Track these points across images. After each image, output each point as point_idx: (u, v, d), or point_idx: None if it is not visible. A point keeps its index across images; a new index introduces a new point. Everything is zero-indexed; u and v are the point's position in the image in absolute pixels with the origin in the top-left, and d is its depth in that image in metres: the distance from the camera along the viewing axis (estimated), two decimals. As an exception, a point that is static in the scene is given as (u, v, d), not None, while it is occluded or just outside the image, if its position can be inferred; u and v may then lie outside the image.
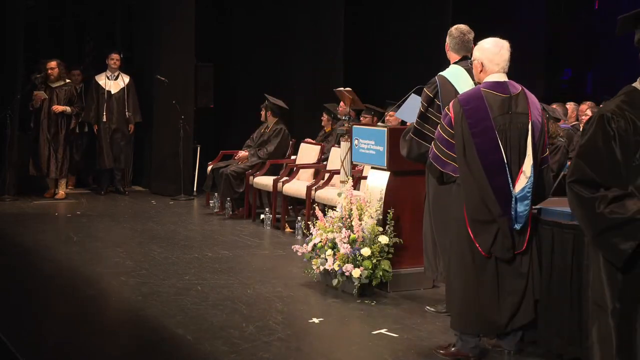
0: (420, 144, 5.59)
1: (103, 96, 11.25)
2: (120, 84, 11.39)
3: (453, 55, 5.76)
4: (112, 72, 11.41)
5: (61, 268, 7.12)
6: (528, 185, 4.66)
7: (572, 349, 4.73)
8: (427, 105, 5.62)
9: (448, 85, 5.60)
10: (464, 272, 4.78)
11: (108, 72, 11.40)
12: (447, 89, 5.58)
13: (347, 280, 6.22)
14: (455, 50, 5.74)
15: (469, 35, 5.74)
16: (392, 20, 13.27)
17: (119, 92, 11.34)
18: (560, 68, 16.79)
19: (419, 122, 5.63)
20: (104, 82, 11.33)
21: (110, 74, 11.39)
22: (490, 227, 4.69)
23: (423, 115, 5.64)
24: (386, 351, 5.02)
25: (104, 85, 11.30)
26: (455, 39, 5.73)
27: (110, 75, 11.38)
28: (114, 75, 11.40)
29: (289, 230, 8.94)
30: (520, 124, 4.70)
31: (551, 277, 4.83)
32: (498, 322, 4.81)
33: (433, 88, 5.64)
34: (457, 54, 5.74)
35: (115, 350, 5.12)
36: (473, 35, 5.73)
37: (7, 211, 9.92)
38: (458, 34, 5.73)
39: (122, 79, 11.43)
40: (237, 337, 5.21)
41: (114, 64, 11.39)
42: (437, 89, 5.61)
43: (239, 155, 9.96)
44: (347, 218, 6.33)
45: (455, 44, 5.73)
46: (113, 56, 11.42)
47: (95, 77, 11.35)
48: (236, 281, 6.70)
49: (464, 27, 5.77)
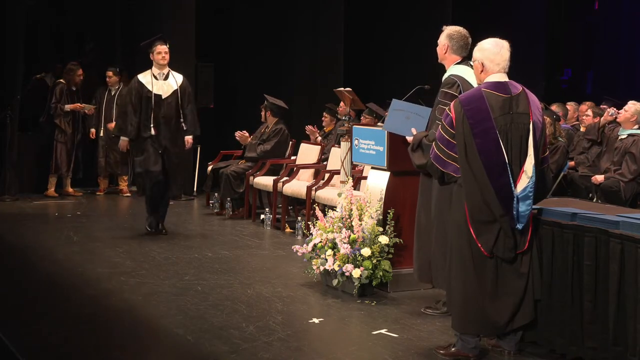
0: None
1: (149, 101, 8.45)
2: (173, 84, 8.55)
3: (453, 56, 5.73)
4: (160, 69, 8.51)
5: (61, 268, 7.11)
6: (530, 185, 4.66)
7: (574, 349, 4.73)
8: None
9: (467, 84, 5.56)
10: (464, 273, 4.78)
11: (155, 69, 8.50)
12: (467, 87, 5.51)
13: (347, 281, 6.22)
14: (458, 52, 5.73)
15: (469, 38, 5.74)
16: (392, 20, 13.27)
17: (171, 96, 8.50)
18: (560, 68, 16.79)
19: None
20: (150, 82, 8.48)
21: (158, 72, 8.50)
22: (492, 227, 4.70)
23: None
24: (386, 351, 5.02)
25: (150, 87, 8.44)
26: (459, 42, 5.71)
27: (158, 74, 8.53)
28: (163, 73, 8.56)
29: (289, 230, 8.94)
30: (522, 124, 4.70)
31: (551, 277, 4.83)
32: (498, 323, 4.81)
33: (456, 87, 5.58)
34: (459, 55, 5.73)
35: (115, 350, 5.11)
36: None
37: (7, 211, 9.92)
38: (460, 36, 5.72)
39: (174, 78, 8.58)
40: (237, 337, 5.21)
41: (162, 59, 8.44)
42: (460, 88, 5.55)
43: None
44: (347, 218, 6.33)
45: (459, 46, 5.71)
46: (159, 48, 8.40)
47: (139, 77, 8.50)
48: (236, 281, 6.70)
49: (463, 29, 5.77)
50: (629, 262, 4.39)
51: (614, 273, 4.46)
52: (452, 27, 5.78)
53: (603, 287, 4.54)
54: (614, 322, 4.48)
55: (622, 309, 4.44)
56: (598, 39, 16.34)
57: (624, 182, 8.62)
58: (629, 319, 4.40)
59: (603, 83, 15.43)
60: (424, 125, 5.75)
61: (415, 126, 5.71)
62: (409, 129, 5.73)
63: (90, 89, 11.61)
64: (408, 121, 5.81)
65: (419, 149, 5.56)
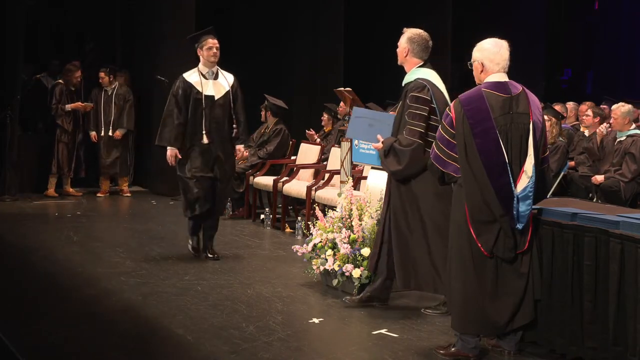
0: (425, 152, 5.43)
1: (199, 104, 7.27)
2: (225, 85, 7.43)
3: (414, 59, 5.75)
4: (210, 67, 7.39)
5: (61, 268, 7.11)
6: (530, 185, 4.66)
7: (574, 349, 4.73)
8: (429, 110, 5.59)
9: (434, 87, 5.64)
10: (464, 273, 4.78)
11: (203, 67, 7.36)
12: (436, 91, 5.62)
13: (347, 280, 6.23)
14: (419, 56, 5.75)
15: (430, 41, 5.78)
16: (392, 20, 13.27)
17: (222, 98, 7.38)
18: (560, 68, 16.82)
19: (424, 128, 5.55)
20: (199, 82, 7.33)
21: (207, 71, 7.37)
22: (492, 227, 4.70)
23: (426, 121, 5.57)
24: (386, 351, 5.02)
25: (199, 87, 7.30)
26: (420, 45, 5.74)
27: (207, 73, 7.40)
28: (213, 72, 7.42)
29: (289, 230, 8.94)
30: (522, 124, 4.70)
31: (551, 277, 4.83)
32: (498, 322, 4.81)
33: (427, 91, 5.62)
34: (420, 58, 5.76)
35: (115, 350, 5.11)
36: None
37: (7, 211, 9.92)
38: (421, 39, 5.75)
39: (225, 77, 7.48)
40: (237, 337, 5.21)
41: (214, 55, 7.31)
42: (431, 91, 5.61)
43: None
44: (347, 218, 6.33)
45: (421, 49, 5.74)
46: (210, 42, 7.29)
47: (184, 76, 7.34)
48: (236, 281, 6.70)
49: (424, 32, 5.80)
50: (629, 262, 4.39)
51: (614, 273, 4.46)
52: (413, 30, 5.79)
53: (603, 287, 4.54)
54: (614, 322, 4.48)
55: (622, 309, 4.44)
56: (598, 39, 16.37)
57: (624, 182, 8.62)
58: (629, 319, 4.40)
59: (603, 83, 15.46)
60: (388, 131, 5.76)
61: (380, 133, 5.74)
62: (374, 135, 5.76)
63: (90, 89, 11.60)
64: (372, 128, 5.81)
65: (391, 155, 5.62)
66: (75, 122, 11.17)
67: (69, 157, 11.08)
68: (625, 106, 8.83)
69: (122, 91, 11.40)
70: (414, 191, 5.65)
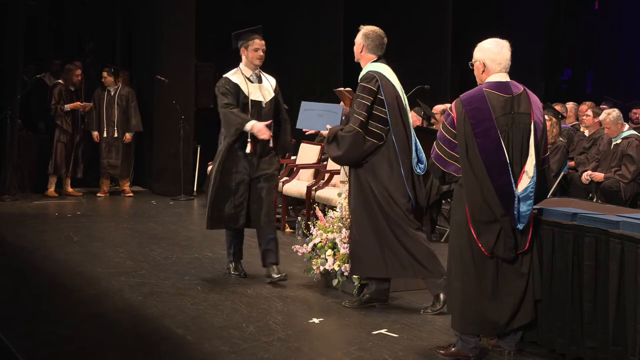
0: (366, 140, 5.69)
1: (245, 108, 6.57)
2: (270, 89, 6.74)
3: (369, 55, 5.91)
4: (253, 69, 6.66)
5: (61, 268, 7.11)
6: (531, 185, 4.66)
7: (574, 349, 4.73)
8: (373, 100, 5.72)
9: (385, 79, 5.78)
10: (465, 273, 4.78)
11: (246, 69, 6.64)
12: (386, 83, 5.77)
13: (347, 280, 6.22)
14: (373, 51, 5.91)
15: (385, 38, 5.93)
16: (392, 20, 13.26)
17: (268, 104, 6.70)
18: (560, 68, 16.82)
19: (366, 117, 5.70)
20: (245, 85, 6.60)
21: (250, 73, 6.64)
22: (492, 227, 4.70)
23: (369, 110, 5.72)
24: (386, 351, 5.02)
25: (245, 91, 6.58)
26: (374, 41, 5.89)
27: (251, 76, 6.65)
28: (256, 74, 6.70)
29: (289, 230, 8.95)
30: (523, 124, 4.70)
31: (552, 277, 4.83)
32: (498, 322, 4.81)
33: (375, 82, 5.75)
34: (374, 54, 5.91)
35: (115, 350, 5.11)
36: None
37: (7, 211, 9.92)
38: (375, 35, 5.90)
39: (268, 81, 6.78)
40: (237, 337, 5.21)
41: (260, 58, 6.63)
42: (379, 82, 5.74)
43: None
44: (347, 218, 6.32)
45: (375, 46, 5.89)
46: (258, 43, 6.60)
47: (229, 77, 6.61)
48: (236, 281, 6.70)
49: (379, 29, 5.93)
50: (629, 262, 4.39)
51: (614, 273, 4.46)
52: (368, 27, 5.95)
53: (603, 287, 4.54)
54: (614, 322, 4.48)
55: (622, 309, 4.44)
56: (598, 39, 16.37)
57: (624, 183, 8.64)
58: (629, 319, 4.40)
59: (603, 83, 15.46)
60: (337, 120, 6.07)
61: (329, 122, 6.00)
62: (323, 125, 6.01)
63: (90, 89, 11.60)
64: (321, 119, 6.10)
65: (334, 142, 5.83)
66: (75, 123, 11.17)
67: (67, 157, 11.08)
68: (612, 113, 8.97)
69: (125, 92, 11.37)
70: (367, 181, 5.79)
